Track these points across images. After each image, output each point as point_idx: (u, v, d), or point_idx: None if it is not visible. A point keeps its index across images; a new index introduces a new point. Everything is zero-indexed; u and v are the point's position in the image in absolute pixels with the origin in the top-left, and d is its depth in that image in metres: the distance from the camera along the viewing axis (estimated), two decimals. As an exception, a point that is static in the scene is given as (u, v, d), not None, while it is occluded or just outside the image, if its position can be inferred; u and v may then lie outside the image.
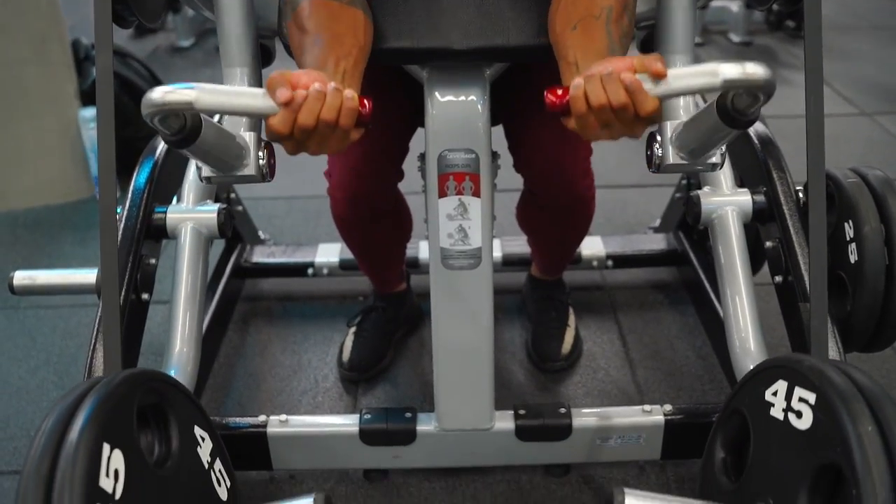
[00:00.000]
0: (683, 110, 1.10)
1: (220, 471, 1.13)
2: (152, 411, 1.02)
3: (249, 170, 1.07)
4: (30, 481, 0.82)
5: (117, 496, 0.87)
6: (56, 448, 0.84)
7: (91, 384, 0.93)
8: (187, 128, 0.90)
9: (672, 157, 1.07)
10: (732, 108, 0.89)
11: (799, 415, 0.93)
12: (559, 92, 0.92)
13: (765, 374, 1.03)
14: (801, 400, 0.93)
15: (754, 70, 0.83)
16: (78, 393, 0.92)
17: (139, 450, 0.94)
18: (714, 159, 1.07)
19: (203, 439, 1.10)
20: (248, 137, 1.07)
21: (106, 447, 0.86)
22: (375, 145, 1.38)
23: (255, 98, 0.90)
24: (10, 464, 1.55)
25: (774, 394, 0.98)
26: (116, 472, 0.87)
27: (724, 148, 1.07)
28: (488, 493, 1.44)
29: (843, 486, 0.88)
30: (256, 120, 1.08)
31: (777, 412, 0.97)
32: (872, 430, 0.83)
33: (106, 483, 0.85)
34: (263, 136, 1.01)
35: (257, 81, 1.14)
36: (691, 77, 0.88)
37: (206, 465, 1.10)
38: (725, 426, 1.12)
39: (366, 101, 0.94)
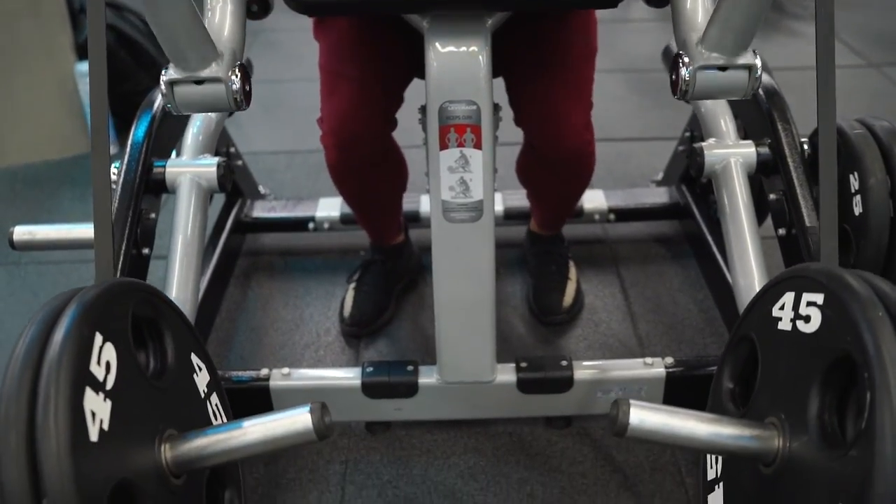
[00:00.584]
0: (703, 15, 1.07)
1: (216, 405, 1.11)
2: (147, 326, 0.98)
3: (215, 72, 1.04)
4: (17, 364, 0.78)
5: (108, 386, 0.82)
6: (45, 335, 0.80)
7: (84, 286, 0.88)
8: None
9: (704, 58, 1.03)
10: None
11: (807, 319, 0.90)
12: None
13: (771, 291, 1.00)
14: (808, 304, 0.90)
15: None
16: (70, 292, 0.87)
17: (133, 353, 0.89)
18: (748, 58, 1.03)
19: (200, 368, 1.07)
20: (227, 52, 1.06)
21: (98, 336, 0.82)
22: (368, 91, 1.37)
23: None
24: (15, 418, 1.56)
25: (782, 307, 0.95)
26: (108, 364, 0.83)
27: (756, 57, 1.04)
28: (490, 445, 1.45)
29: (855, 380, 0.85)
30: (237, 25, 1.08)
31: (785, 324, 0.95)
32: (883, 315, 0.81)
33: (97, 370, 0.81)
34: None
35: (241, 19, 1.12)
36: None
37: (203, 395, 1.07)
38: (733, 355, 1.09)
39: None
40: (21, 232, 1.42)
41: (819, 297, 0.90)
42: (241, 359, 1.67)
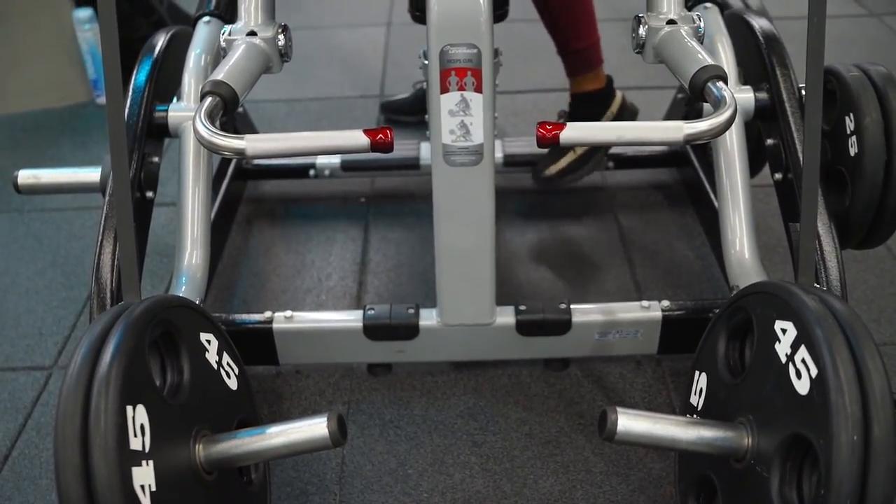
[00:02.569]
0: None
1: (227, 363, 1.15)
2: (162, 340, 1.02)
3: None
4: (67, 471, 0.83)
5: (147, 448, 0.88)
6: (84, 415, 0.84)
7: (102, 334, 0.91)
8: None
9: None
10: None
11: (798, 375, 0.93)
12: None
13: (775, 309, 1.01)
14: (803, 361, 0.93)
15: None
16: (112, 316, 0.93)
17: (156, 392, 0.95)
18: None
19: (209, 342, 1.11)
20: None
21: (129, 409, 0.87)
22: None
23: None
24: (24, 360, 1.59)
25: (784, 331, 0.97)
26: (143, 426, 0.88)
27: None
28: (489, 387, 1.48)
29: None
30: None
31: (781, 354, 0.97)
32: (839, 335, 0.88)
33: (136, 443, 0.87)
34: None
35: None
36: None
37: (215, 366, 1.11)
38: (729, 318, 1.11)
39: None
40: (25, 176, 1.43)
41: (788, 325, 0.94)
42: (245, 303, 1.70)
